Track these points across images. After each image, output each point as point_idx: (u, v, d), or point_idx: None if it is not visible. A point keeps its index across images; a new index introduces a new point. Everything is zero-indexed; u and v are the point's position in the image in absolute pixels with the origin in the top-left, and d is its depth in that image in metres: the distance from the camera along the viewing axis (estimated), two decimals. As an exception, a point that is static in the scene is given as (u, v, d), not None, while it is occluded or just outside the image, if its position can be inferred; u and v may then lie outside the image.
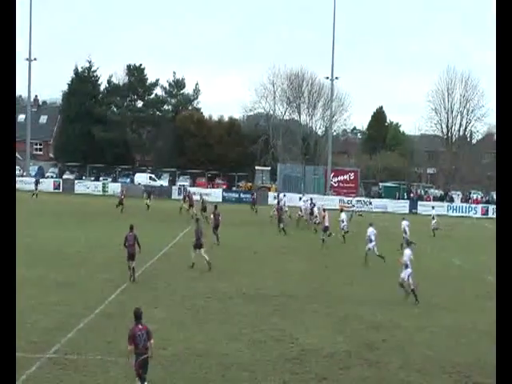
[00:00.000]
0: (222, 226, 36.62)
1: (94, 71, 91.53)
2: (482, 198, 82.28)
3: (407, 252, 24.03)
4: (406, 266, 23.67)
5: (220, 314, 20.58)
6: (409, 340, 18.81)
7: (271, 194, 72.06)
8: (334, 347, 17.61)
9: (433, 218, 48.92)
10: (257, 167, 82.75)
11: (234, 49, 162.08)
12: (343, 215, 40.25)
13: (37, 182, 65.45)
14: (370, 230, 31.81)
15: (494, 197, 79.62)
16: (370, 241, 31.57)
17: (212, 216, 37.09)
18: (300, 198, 53.47)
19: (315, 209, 46.39)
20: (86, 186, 75.10)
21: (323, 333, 19.01)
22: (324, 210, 41.56)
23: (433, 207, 55.58)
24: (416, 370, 16.10)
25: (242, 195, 74.15)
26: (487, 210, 72.94)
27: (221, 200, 71.11)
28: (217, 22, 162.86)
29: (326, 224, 37.98)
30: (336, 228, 40.05)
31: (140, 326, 12.93)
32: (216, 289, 24.17)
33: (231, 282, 25.69)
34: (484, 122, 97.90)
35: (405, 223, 38.73)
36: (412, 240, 34.02)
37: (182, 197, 57.24)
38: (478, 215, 72.13)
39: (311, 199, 50.51)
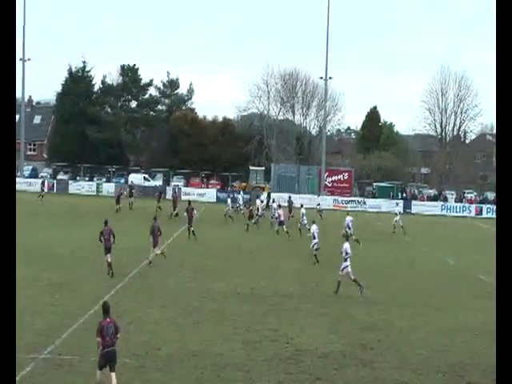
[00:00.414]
0: (215, 225, 36.53)
1: (88, 71, 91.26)
2: (475, 197, 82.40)
3: (346, 245, 24.30)
4: (345, 260, 24.07)
5: (215, 314, 20.58)
6: (403, 340, 18.84)
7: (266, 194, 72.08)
8: (328, 347, 17.63)
9: (396, 214, 49.20)
10: (251, 167, 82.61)
11: (228, 49, 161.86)
12: (303, 210, 42.15)
13: (43, 183, 64.28)
14: (314, 228, 31.95)
15: (488, 196, 79.86)
16: (314, 237, 31.61)
17: (185, 212, 37.88)
18: (257, 197, 54.32)
19: (274, 205, 47.07)
20: (81, 187, 74.87)
21: (318, 333, 19.03)
22: (279, 206, 44.07)
23: (397, 204, 55.10)
24: (411, 370, 16.14)
25: (236, 195, 74.01)
26: (481, 210, 73.03)
27: (215, 200, 71.19)
28: (210, 23, 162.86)
29: (281, 219, 41.25)
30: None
31: (108, 320, 13.56)
32: (211, 289, 24.18)
33: (226, 281, 25.69)
34: (477, 121, 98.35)
35: (348, 219, 40.43)
36: (406, 239, 34.06)
37: (157, 196, 56.42)
38: (472, 215, 72.20)
39: (290, 198, 51.58)
